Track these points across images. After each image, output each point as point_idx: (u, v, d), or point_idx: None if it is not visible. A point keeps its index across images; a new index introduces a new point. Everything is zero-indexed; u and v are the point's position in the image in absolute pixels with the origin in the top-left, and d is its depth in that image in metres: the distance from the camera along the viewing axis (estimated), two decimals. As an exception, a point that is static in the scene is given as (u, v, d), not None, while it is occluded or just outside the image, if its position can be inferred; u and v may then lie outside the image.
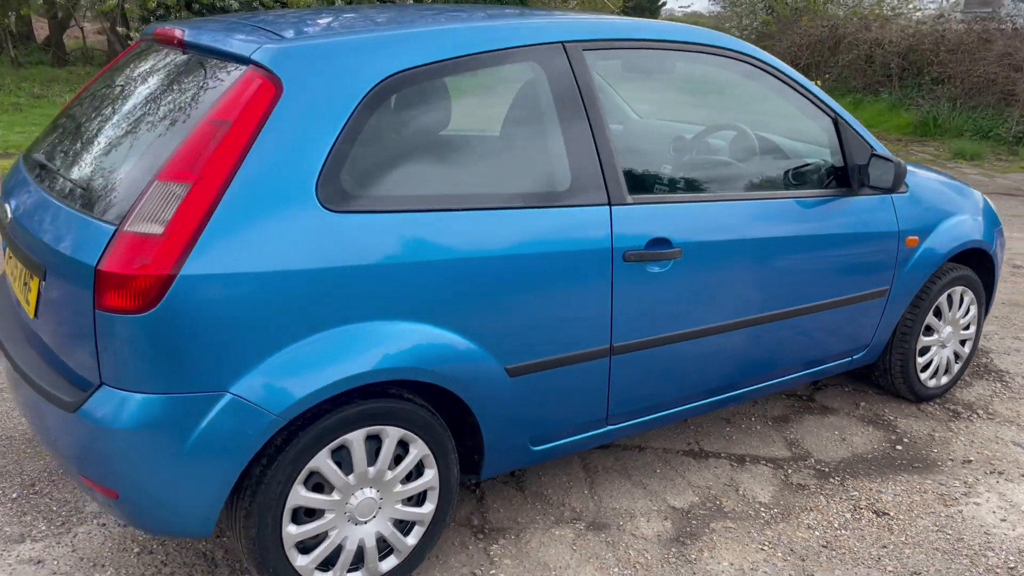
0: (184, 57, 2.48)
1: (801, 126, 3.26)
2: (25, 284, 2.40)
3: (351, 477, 2.32)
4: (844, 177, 3.23)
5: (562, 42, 2.60)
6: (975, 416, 3.71)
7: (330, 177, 2.16)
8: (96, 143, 2.41)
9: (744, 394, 3.16)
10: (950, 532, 2.85)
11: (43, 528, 2.71)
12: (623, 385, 2.76)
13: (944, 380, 3.86)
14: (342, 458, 2.30)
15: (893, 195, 3.36)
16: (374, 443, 2.35)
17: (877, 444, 3.44)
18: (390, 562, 2.47)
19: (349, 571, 2.40)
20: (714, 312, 2.88)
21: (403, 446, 2.41)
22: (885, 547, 2.76)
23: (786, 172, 3.16)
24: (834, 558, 2.70)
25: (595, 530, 2.81)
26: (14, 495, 2.87)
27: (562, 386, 2.62)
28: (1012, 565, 2.68)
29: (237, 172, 2.06)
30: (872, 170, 3.17)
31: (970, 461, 3.33)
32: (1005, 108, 11.88)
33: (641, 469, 3.19)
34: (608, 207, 2.59)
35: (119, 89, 2.65)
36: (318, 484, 2.30)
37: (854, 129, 3.25)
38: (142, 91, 2.53)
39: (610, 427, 2.83)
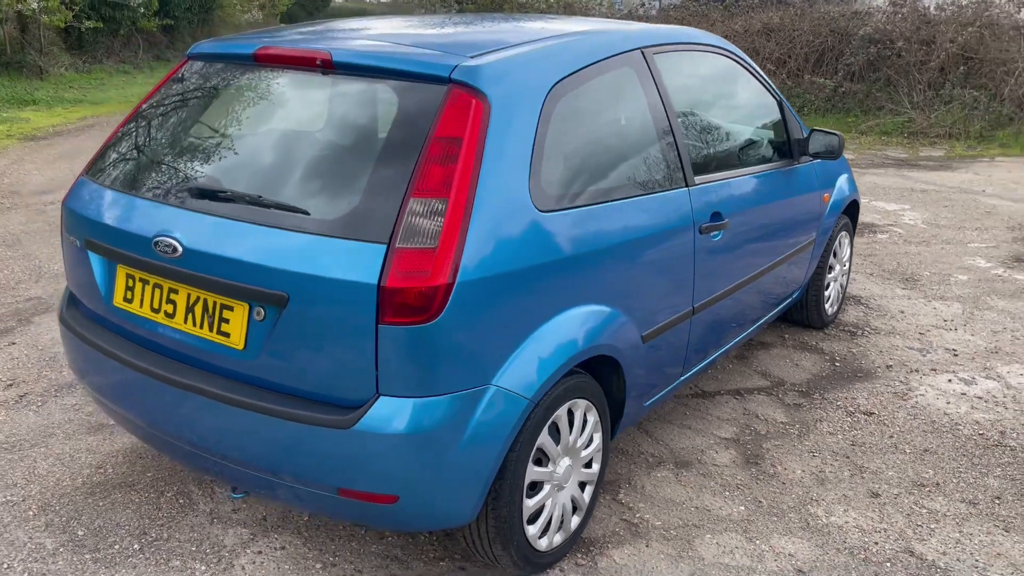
0: (330, 76, 2.51)
1: (763, 109, 3.90)
2: (212, 316, 2.35)
3: (559, 448, 2.58)
4: (784, 149, 3.93)
5: (640, 48, 2.99)
6: (867, 333, 4.64)
7: (535, 180, 2.40)
8: (280, 165, 2.41)
9: (748, 335, 3.77)
10: (923, 419, 3.67)
11: (203, 568, 2.62)
12: (694, 340, 3.23)
13: (835, 308, 4.76)
14: (551, 433, 2.55)
15: (813, 161, 4.12)
16: (568, 416, 2.62)
17: (821, 365, 4.23)
18: (575, 520, 2.75)
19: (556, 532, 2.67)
20: (741, 270, 3.44)
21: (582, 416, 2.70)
22: (892, 437, 3.51)
23: (754, 147, 3.78)
24: (867, 451, 3.39)
25: (684, 467, 3.26)
26: (136, 547, 2.72)
27: (666, 347, 3.04)
28: (981, 432, 3.55)
29: (478, 184, 2.24)
30: (812, 142, 3.90)
31: (891, 366, 4.22)
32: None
33: (673, 414, 3.68)
34: (687, 189, 3.03)
35: (245, 108, 2.64)
36: (537, 459, 2.53)
37: (790, 109, 3.96)
38: (294, 109, 2.58)
39: (681, 378, 3.29)
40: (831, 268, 4.57)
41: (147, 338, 2.53)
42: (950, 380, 4.05)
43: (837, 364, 4.24)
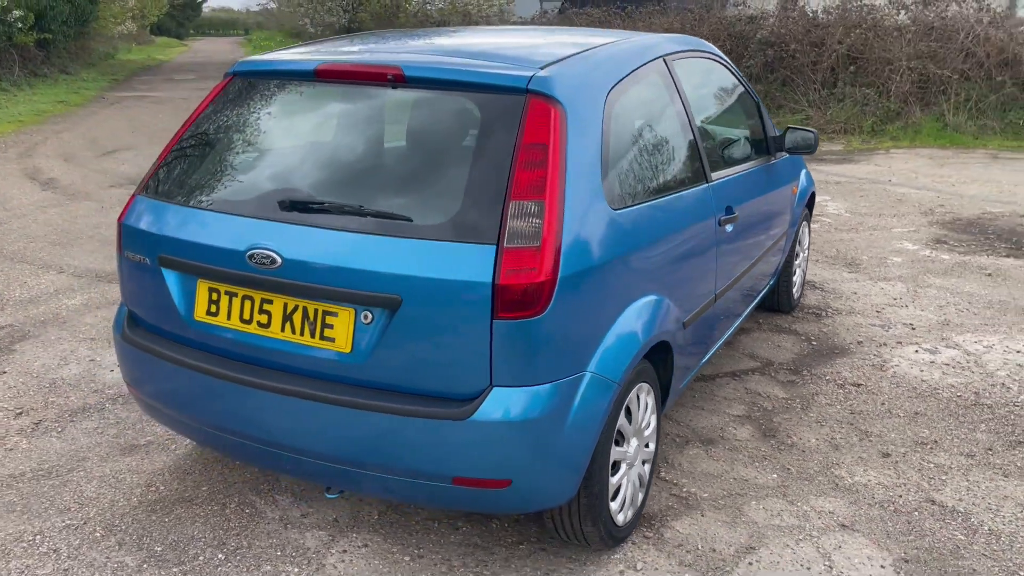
0: (399, 90, 2.63)
1: (749, 110, 4.19)
2: (313, 323, 2.43)
3: (632, 429, 2.77)
4: (763, 146, 4.24)
5: (663, 56, 3.22)
6: (830, 314, 5.03)
7: (605, 180, 2.59)
8: (370, 175, 2.53)
9: (743, 320, 4.06)
10: (905, 386, 4.04)
11: (296, 571, 2.69)
12: (715, 324, 3.49)
13: (799, 292, 5.13)
14: (625, 415, 2.74)
15: (782, 157, 4.46)
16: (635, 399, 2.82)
17: (800, 345, 4.57)
18: (640, 495, 2.95)
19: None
20: (746, 259, 3.72)
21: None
22: (884, 403, 3.86)
23: (745, 145, 4.07)
24: (867, 418, 3.72)
25: (710, 444, 3.51)
26: (220, 557, 2.76)
27: (697, 332, 3.27)
28: (958, 394, 3.94)
29: (565, 185, 2.41)
30: (788, 139, 4.23)
31: (861, 342, 4.59)
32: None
33: (683, 396, 3.93)
34: (708, 184, 3.28)
35: (311, 122, 2.75)
36: (615, 440, 2.71)
37: (764, 110, 4.29)
38: (364, 121, 2.67)
39: (702, 361, 3.54)
40: (797, 255, 4.93)
41: (233, 349, 2.59)
42: (916, 351, 4.45)
43: (814, 343, 4.59)
